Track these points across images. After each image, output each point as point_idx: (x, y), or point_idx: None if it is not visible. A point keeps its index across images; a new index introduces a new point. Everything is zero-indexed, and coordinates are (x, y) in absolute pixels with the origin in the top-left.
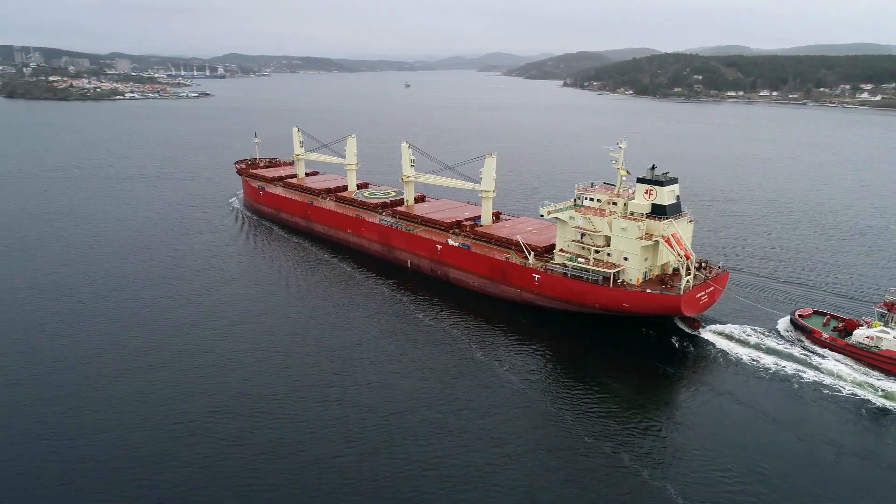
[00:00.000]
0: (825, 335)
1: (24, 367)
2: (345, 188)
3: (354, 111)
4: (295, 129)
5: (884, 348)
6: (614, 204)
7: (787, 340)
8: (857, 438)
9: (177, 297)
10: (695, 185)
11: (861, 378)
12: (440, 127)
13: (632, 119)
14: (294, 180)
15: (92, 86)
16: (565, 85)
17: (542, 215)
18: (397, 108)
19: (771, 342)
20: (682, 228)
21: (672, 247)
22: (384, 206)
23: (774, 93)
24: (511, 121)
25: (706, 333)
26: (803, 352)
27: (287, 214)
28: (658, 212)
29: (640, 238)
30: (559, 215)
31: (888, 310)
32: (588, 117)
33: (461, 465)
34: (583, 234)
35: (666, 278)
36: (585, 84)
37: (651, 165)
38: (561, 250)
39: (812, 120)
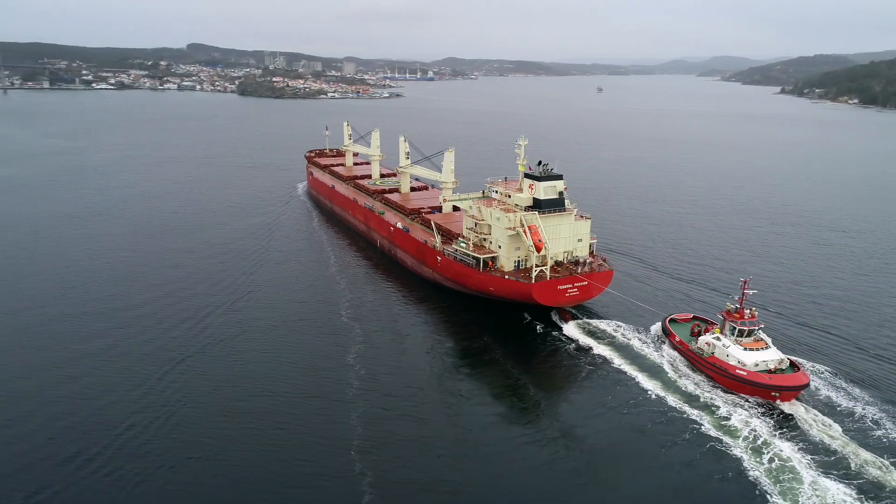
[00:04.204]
0: (677, 338)
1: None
2: (368, 176)
3: (523, 115)
4: (345, 124)
5: (713, 355)
6: (510, 197)
7: (650, 342)
8: (655, 451)
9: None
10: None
11: (689, 387)
12: (585, 128)
13: (812, 132)
14: (341, 169)
15: (303, 85)
16: (782, 92)
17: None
18: (571, 111)
19: (632, 341)
20: (564, 223)
21: (526, 236)
22: (381, 192)
23: None
24: (654, 126)
25: (569, 327)
26: (654, 354)
27: (322, 197)
28: (536, 205)
29: (508, 228)
30: (459, 204)
31: (725, 317)
32: (762, 127)
33: (245, 448)
34: (476, 223)
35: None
36: (806, 91)
37: (538, 161)
38: (461, 236)
39: None
